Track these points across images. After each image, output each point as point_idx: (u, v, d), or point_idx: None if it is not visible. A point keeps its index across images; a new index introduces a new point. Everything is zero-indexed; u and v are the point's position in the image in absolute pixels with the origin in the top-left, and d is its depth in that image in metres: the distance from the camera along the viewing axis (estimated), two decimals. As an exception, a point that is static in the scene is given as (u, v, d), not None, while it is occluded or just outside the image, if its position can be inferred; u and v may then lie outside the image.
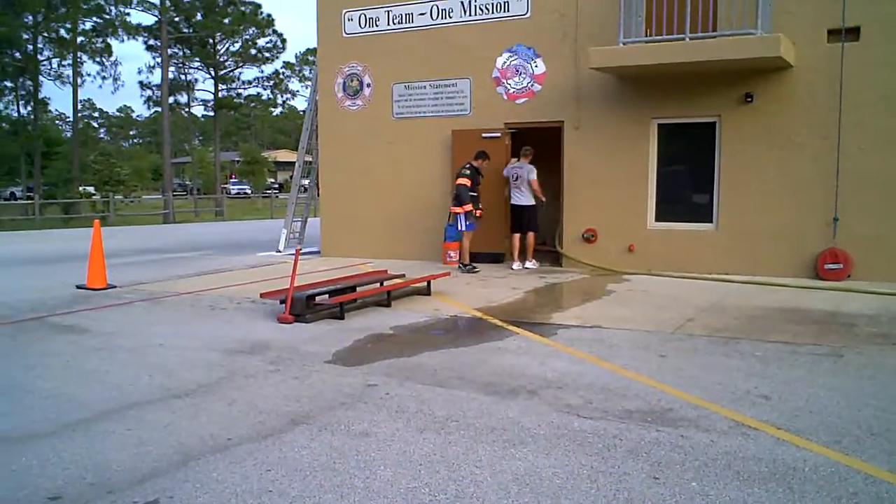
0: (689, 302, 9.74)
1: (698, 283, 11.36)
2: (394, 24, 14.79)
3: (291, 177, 69.68)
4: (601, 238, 13.13)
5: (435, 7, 14.31)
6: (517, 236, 13.25)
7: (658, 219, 12.84)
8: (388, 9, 14.79)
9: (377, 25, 14.96)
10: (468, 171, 12.82)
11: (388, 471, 4.40)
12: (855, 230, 11.38)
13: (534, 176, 12.97)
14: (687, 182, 12.78)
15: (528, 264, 13.27)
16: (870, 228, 11.29)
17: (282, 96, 67.03)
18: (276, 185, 69.05)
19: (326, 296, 9.27)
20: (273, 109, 75.53)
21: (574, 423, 5.15)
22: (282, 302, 8.92)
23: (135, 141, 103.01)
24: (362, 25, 15.13)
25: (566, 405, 5.53)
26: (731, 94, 12.06)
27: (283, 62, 60.45)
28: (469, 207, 12.74)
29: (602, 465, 4.42)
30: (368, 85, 15.23)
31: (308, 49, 77.52)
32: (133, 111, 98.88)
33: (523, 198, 13.09)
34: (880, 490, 4.04)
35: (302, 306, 8.76)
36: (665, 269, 12.40)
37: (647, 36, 11.99)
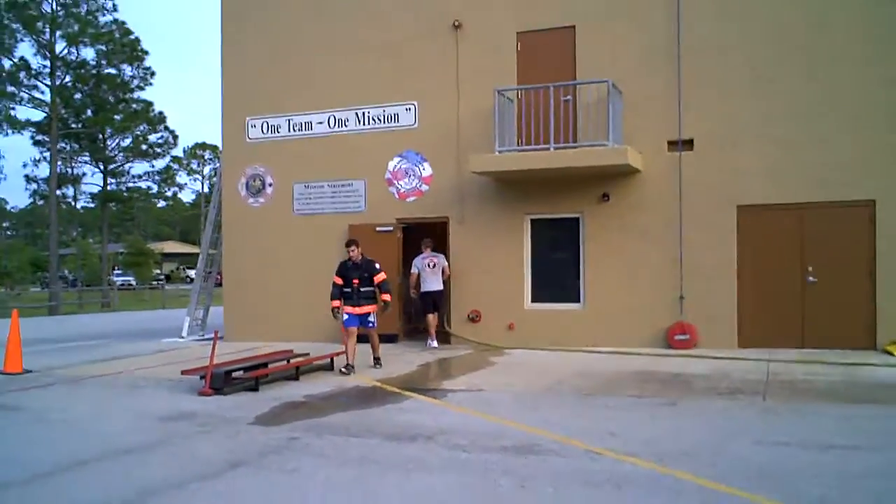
0: (559, 370, 11.33)
1: (569, 355, 13.01)
2: (294, 130, 16.29)
3: (178, 268, 68.34)
4: (485, 318, 14.71)
5: (332, 117, 15.93)
6: (430, 316, 14.68)
7: (534, 300, 14.56)
8: (290, 117, 16.31)
9: (279, 132, 16.43)
10: (337, 269, 12.00)
11: (318, 492, 5.65)
12: (698, 306, 13.38)
13: (447, 263, 14.75)
14: (558, 268, 14.57)
15: (432, 343, 14.53)
16: (709, 305, 13.32)
17: (169, 189, 67.21)
18: (163, 276, 68.45)
19: (242, 371, 10.37)
20: (160, 202, 75.39)
21: (461, 455, 6.52)
22: (201, 378, 9.96)
23: (8, 233, 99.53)
24: (265, 132, 16.57)
25: (455, 444, 6.90)
26: (591, 194, 14.06)
27: (172, 156, 60.92)
28: (335, 304, 11.76)
29: (482, 481, 5.80)
30: (270, 184, 16.57)
31: (197, 143, 78.53)
32: (7, 203, 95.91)
33: (436, 283, 14.55)
34: (683, 486, 5.58)
35: (220, 381, 9.84)
36: (540, 344, 14.03)
37: (518, 145, 13.94)
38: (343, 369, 11.38)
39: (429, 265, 14.68)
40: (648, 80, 13.71)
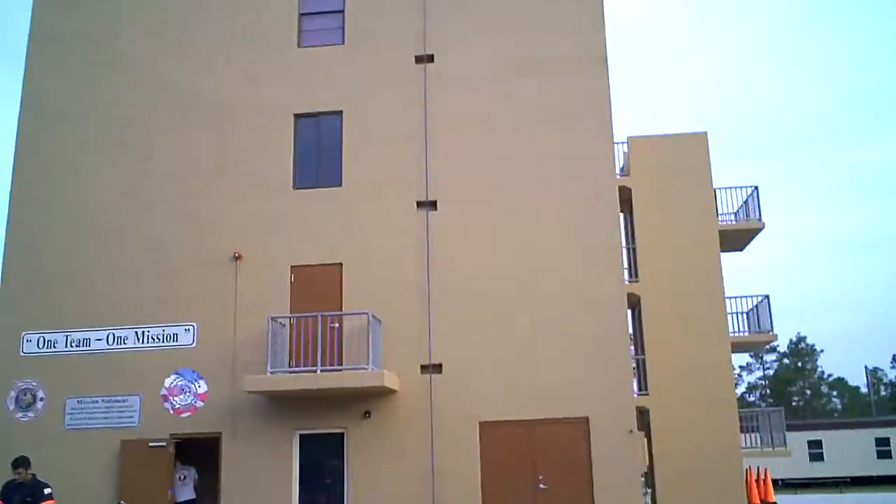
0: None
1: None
2: (72, 346, 16.77)
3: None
4: (252, 531, 15.42)
5: (111, 334, 16.69)
6: None
7: (301, 512, 15.56)
8: (68, 333, 16.83)
9: (55, 347, 16.82)
10: (1, 491, 10.94)
11: None
12: (452, 515, 15.02)
13: (196, 475, 16.14)
14: (324, 480, 15.71)
15: None
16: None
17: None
18: None
19: None
20: None
21: None
22: None
23: None
24: (40, 346, 16.90)
25: None
26: (355, 411, 15.63)
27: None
28: None
29: None
30: (42, 399, 16.68)
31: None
32: None
33: (187, 493, 15.96)
34: None
35: None
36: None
37: (290, 366, 15.46)
38: None
39: (179, 478, 16.01)
40: (404, 311, 15.91)
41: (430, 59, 17.10)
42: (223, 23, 17.98)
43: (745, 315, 24.99)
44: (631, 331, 25.58)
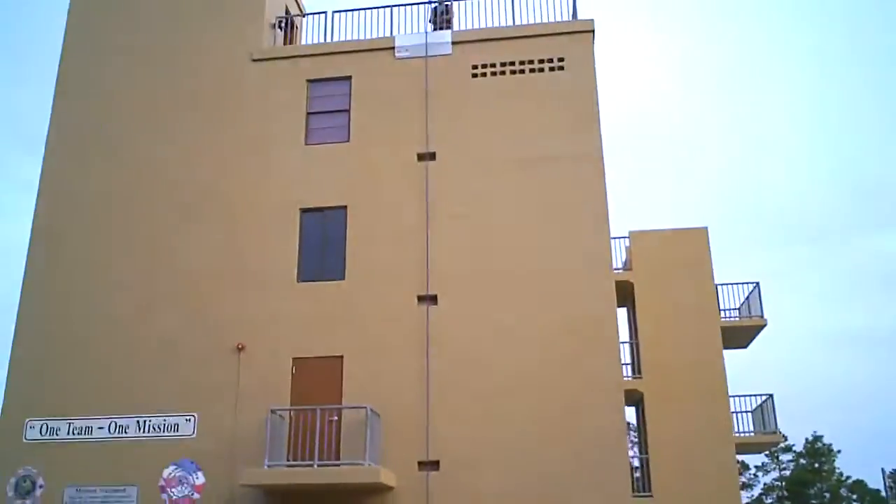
0: None
1: None
2: (74, 434, 16.88)
3: None
4: None
5: (113, 423, 16.80)
6: None
7: None
8: (70, 421, 16.96)
9: (57, 434, 16.93)
10: None
11: None
12: None
13: None
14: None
15: None
16: None
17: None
18: None
19: None
20: None
21: None
22: None
23: None
24: (43, 433, 17.01)
25: None
26: (350, 506, 15.60)
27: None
28: None
29: None
30: (41, 486, 16.68)
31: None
32: None
33: None
34: None
35: None
36: None
37: (287, 460, 15.47)
38: None
39: None
40: (403, 405, 15.94)
41: (432, 156, 17.64)
42: (234, 122, 18.64)
43: (749, 414, 24.84)
44: (636, 427, 25.55)
